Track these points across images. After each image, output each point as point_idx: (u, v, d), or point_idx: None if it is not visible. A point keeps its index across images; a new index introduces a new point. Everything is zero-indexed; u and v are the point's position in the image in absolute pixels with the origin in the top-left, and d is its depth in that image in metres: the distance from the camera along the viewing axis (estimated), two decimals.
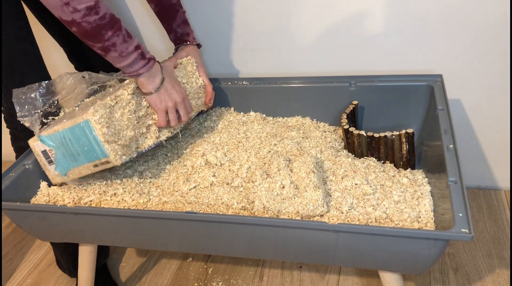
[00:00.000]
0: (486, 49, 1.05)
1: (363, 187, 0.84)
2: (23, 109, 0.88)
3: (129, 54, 0.80)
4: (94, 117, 0.80)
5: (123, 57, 0.80)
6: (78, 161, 0.87)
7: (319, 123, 1.09)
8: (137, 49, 0.81)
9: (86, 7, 0.73)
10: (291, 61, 1.19)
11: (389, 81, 1.02)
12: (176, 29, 1.03)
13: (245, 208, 0.84)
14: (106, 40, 0.77)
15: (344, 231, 0.70)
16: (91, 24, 0.74)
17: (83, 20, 0.73)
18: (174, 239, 0.85)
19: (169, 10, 1.00)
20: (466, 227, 0.64)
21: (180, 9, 1.01)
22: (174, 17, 1.01)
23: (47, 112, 0.91)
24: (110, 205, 0.89)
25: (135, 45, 0.80)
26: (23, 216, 0.89)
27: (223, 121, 1.10)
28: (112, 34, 0.77)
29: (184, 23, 1.02)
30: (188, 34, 1.03)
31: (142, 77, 0.84)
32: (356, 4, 1.06)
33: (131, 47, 0.80)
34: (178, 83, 0.91)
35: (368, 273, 1.10)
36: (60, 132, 0.85)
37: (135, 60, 0.81)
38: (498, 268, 1.07)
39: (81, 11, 0.73)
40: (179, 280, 1.17)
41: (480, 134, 1.19)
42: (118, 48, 0.78)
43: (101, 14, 0.75)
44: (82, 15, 0.73)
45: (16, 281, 1.25)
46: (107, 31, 0.76)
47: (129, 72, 0.83)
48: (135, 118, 0.87)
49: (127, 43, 0.79)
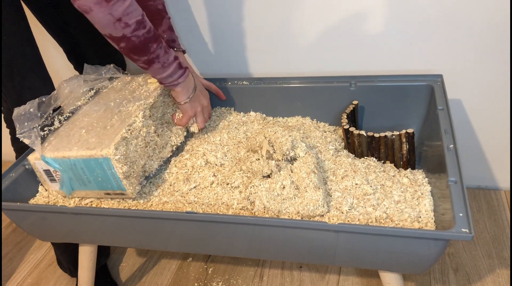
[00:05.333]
0: (487, 49, 1.05)
1: (363, 187, 0.84)
2: (23, 126, 0.87)
3: (170, 64, 0.84)
4: (115, 156, 0.80)
5: (165, 68, 0.83)
6: (88, 186, 0.87)
7: (319, 123, 1.09)
8: (175, 60, 0.85)
9: (136, 21, 0.76)
10: (291, 61, 1.19)
11: (389, 81, 1.02)
12: (162, 35, 1.01)
13: (245, 208, 0.84)
14: (151, 52, 0.80)
15: (344, 231, 0.70)
16: (139, 38, 0.78)
17: (133, 34, 0.77)
18: (174, 239, 0.85)
19: (155, 16, 0.99)
20: (466, 227, 0.64)
21: (165, 15, 1.01)
22: (160, 23, 1.00)
23: (44, 124, 0.90)
24: (110, 205, 0.89)
25: (174, 55, 0.85)
26: (23, 216, 0.89)
27: (223, 121, 1.10)
28: (156, 47, 0.80)
29: (170, 29, 1.01)
30: (174, 40, 1.03)
31: (179, 87, 0.88)
32: (356, 4, 1.06)
33: (171, 57, 0.84)
34: (203, 87, 0.97)
35: (368, 273, 1.10)
36: (71, 160, 0.83)
37: (175, 70, 0.85)
38: (498, 268, 1.07)
39: (131, 26, 0.76)
40: (179, 280, 1.17)
41: (480, 134, 1.19)
42: (161, 59, 0.82)
43: (148, 28, 0.78)
44: (132, 29, 0.76)
45: (16, 281, 1.25)
46: (152, 44, 0.80)
47: (169, 82, 0.86)
48: (145, 144, 0.88)
49: (168, 54, 0.83)
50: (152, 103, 0.91)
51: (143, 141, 0.88)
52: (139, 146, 0.86)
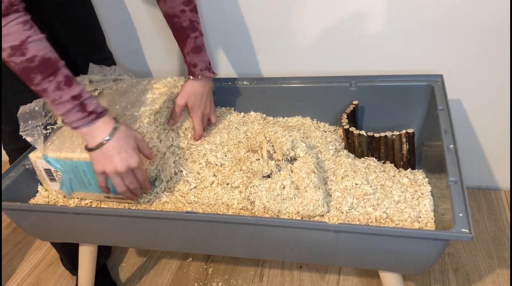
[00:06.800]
0: (487, 49, 1.05)
1: (363, 187, 0.84)
2: (27, 124, 0.87)
3: (63, 103, 0.72)
4: None
5: (56, 105, 0.72)
6: (88, 188, 0.87)
7: (320, 123, 1.09)
8: (75, 99, 0.72)
9: (10, 47, 0.68)
10: (291, 61, 1.19)
11: (389, 81, 1.02)
12: (185, 57, 0.95)
13: (245, 208, 0.84)
14: (36, 84, 0.71)
15: (344, 231, 0.70)
16: (18, 65, 0.69)
17: (10, 60, 0.69)
18: (174, 239, 0.85)
19: (180, 34, 0.92)
20: (466, 227, 0.64)
21: (191, 34, 0.92)
22: (184, 43, 0.93)
23: (47, 123, 0.90)
24: (110, 205, 0.89)
25: (73, 94, 0.72)
26: (23, 216, 0.89)
27: (223, 121, 1.10)
28: (42, 79, 0.70)
29: (194, 51, 0.93)
30: (195, 65, 0.94)
31: (79, 130, 0.75)
32: (356, 4, 1.06)
33: (66, 96, 0.71)
34: (131, 150, 0.77)
35: (368, 273, 1.10)
36: (73, 161, 0.83)
37: (70, 111, 0.72)
38: (498, 268, 1.07)
39: (6, 51, 0.68)
40: (179, 280, 1.17)
41: (480, 134, 1.19)
42: (50, 95, 0.71)
43: (29, 56, 0.69)
44: (7, 54, 0.69)
45: (16, 281, 1.25)
46: (36, 75, 0.70)
47: (66, 122, 0.75)
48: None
49: (62, 91, 0.71)
50: (158, 109, 0.91)
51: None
52: None
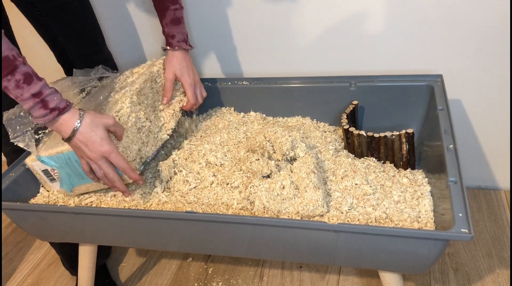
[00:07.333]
0: (486, 49, 1.05)
1: (363, 187, 0.84)
2: (15, 130, 0.86)
3: (24, 101, 0.72)
4: None
5: (20, 102, 0.73)
6: (86, 179, 0.87)
7: (319, 123, 1.09)
8: (35, 97, 0.72)
9: None
10: (291, 61, 1.19)
11: (389, 81, 1.02)
12: (164, 28, 0.94)
13: (245, 208, 0.84)
14: None
15: (344, 231, 0.70)
16: None
17: None
18: (174, 239, 0.85)
19: (160, 5, 0.91)
20: (466, 227, 0.64)
21: (171, 6, 0.91)
22: (163, 14, 0.92)
23: (38, 127, 0.89)
24: (110, 205, 0.89)
25: (34, 92, 0.72)
26: (23, 216, 0.89)
27: (223, 121, 1.10)
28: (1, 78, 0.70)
29: (173, 22, 0.92)
30: (173, 36, 0.93)
31: (47, 126, 0.76)
32: (356, 4, 1.06)
33: (27, 94, 0.71)
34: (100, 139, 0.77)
35: (368, 273, 1.10)
36: (64, 154, 0.83)
37: (32, 108, 0.73)
38: (498, 268, 1.07)
39: None
40: (179, 280, 1.17)
41: (480, 134, 1.19)
42: (11, 93, 0.72)
43: None
44: None
45: (16, 281, 1.25)
46: None
47: (33, 118, 0.75)
48: (136, 130, 0.88)
49: (22, 89, 0.71)
50: (139, 89, 0.91)
51: (135, 127, 0.87)
52: (130, 131, 0.86)
